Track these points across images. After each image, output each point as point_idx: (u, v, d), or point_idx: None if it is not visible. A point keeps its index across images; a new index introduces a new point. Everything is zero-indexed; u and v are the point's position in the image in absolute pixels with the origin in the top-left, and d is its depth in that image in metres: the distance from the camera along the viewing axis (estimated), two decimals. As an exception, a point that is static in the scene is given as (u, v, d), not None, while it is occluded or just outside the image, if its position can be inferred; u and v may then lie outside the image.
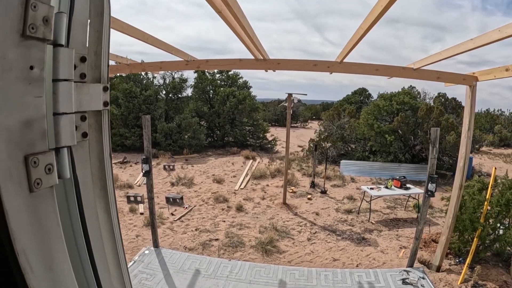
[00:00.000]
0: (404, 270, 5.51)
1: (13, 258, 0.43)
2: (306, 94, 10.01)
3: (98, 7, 0.61)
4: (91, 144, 0.62)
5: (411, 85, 18.85)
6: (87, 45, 0.58)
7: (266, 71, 5.69)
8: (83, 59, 0.57)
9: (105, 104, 0.64)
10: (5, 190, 0.41)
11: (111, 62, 6.46)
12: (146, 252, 5.93)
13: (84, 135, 0.59)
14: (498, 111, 31.05)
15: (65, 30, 0.53)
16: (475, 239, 5.53)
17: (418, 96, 17.95)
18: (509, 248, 5.89)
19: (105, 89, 0.63)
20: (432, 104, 15.70)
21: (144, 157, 5.59)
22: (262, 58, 5.11)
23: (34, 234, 0.46)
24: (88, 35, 0.59)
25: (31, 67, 0.45)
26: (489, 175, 10.29)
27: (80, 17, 0.56)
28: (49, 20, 0.46)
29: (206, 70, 19.06)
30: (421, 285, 5.08)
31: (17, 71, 0.43)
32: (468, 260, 5.43)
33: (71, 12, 0.55)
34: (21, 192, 0.44)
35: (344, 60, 4.89)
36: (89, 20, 0.58)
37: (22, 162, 0.44)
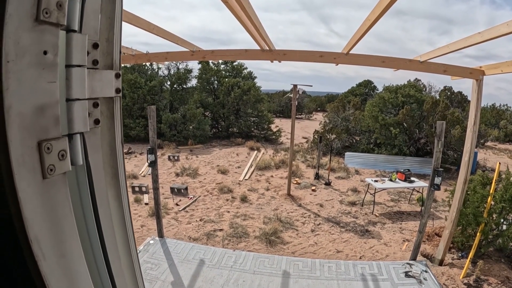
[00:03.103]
0: (407, 263, 5.53)
1: (26, 245, 0.43)
2: (311, 86, 9.95)
3: None
4: (102, 131, 0.62)
5: (416, 78, 18.72)
6: (99, 32, 0.58)
7: (272, 62, 5.66)
8: (95, 46, 0.57)
9: (117, 91, 0.63)
10: (18, 177, 0.41)
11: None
12: (151, 242, 5.98)
13: (97, 121, 0.58)
14: (504, 106, 30.78)
15: (78, 15, 0.52)
16: (478, 234, 5.52)
17: (424, 89, 17.81)
18: (512, 244, 5.88)
19: (117, 75, 0.63)
20: (437, 97, 15.58)
21: (150, 147, 5.61)
22: (268, 48, 5.08)
23: (47, 221, 0.46)
24: (99, 22, 0.58)
25: (45, 52, 0.45)
26: (493, 170, 10.22)
27: (93, 3, 0.56)
28: (63, 5, 0.46)
29: (210, 61, 19.00)
30: (424, 278, 5.10)
31: (31, 56, 0.43)
32: (470, 255, 5.43)
33: None
34: (34, 179, 0.44)
35: (350, 52, 4.85)
36: (101, 7, 0.58)
37: (36, 148, 0.44)
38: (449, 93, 16.65)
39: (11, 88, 0.40)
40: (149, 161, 5.67)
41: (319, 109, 41.19)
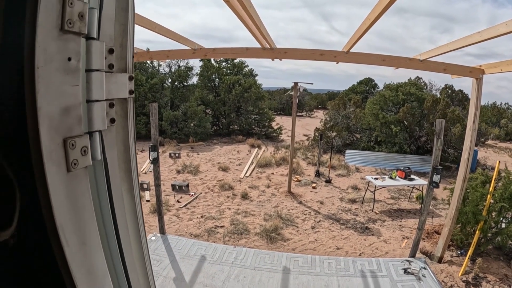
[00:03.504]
0: (406, 260, 5.57)
1: (53, 232, 0.48)
2: (312, 83, 9.99)
3: (123, 3, 0.66)
4: (117, 130, 0.67)
5: (417, 76, 18.74)
6: (113, 38, 0.63)
7: (273, 60, 5.69)
8: (111, 51, 0.62)
9: (130, 92, 0.69)
10: (48, 170, 0.46)
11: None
12: (153, 238, 6.04)
13: (112, 120, 0.64)
14: (505, 104, 30.79)
15: (96, 24, 0.58)
16: (477, 231, 5.56)
17: (425, 88, 17.83)
18: (511, 242, 5.92)
19: (130, 78, 0.68)
20: (438, 95, 15.60)
21: (152, 144, 5.65)
22: (269, 47, 5.11)
23: (70, 210, 0.51)
24: (114, 29, 0.63)
25: (69, 59, 0.50)
26: (493, 168, 10.28)
27: (108, 12, 0.61)
28: (84, 16, 0.51)
29: (212, 59, 19.02)
30: (423, 275, 5.14)
31: (57, 62, 0.48)
32: (469, 252, 5.46)
33: (100, 7, 0.59)
34: (60, 172, 0.49)
35: (351, 50, 4.88)
36: (115, 14, 0.63)
37: (62, 144, 0.49)
38: (450, 92, 16.68)
39: (41, 92, 0.44)
40: (151, 158, 5.72)
41: (320, 106, 41.18)
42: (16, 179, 0.44)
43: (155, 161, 5.75)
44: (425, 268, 5.33)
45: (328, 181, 10.66)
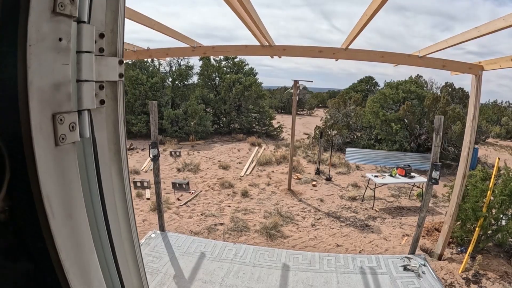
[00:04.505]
0: (406, 257, 5.58)
1: (39, 202, 0.51)
2: (312, 81, 10.01)
3: None
4: (107, 112, 0.71)
5: (418, 74, 18.71)
6: (104, 24, 0.66)
7: (272, 57, 5.71)
8: (101, 35, 0.65)
9: (120, 75, 0.72)
10: (36, 142, 0.49)
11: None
12: (153, 235, 6.07)
13: (102, 102, 0.67)
14: (506, 103, 30.79)
15: (87, 9, 0.61)
16: (477, 228, 5.56)
17: (425, 86, 17.82)
18: (511, 239, 5.93)
19: (120, 62, 0.72)
20: (439, 93, 15.59)
21: (152, 142, 5.68)
22: (268, 44, 5.12)
23: (57, 183, 0.54)
24: (105, 15, 0.67)
25: (60, 39, 0.53)
26: (494, 166, 10.25)
27: None
28: (75, 0, 0.54)
29: (212, 57, 19.04)
30: (422, 272, 5.15)
31: (49, 41, 0.51)
32: (469, 249, 5.48)
33: None
34: (49, 145, 0.52)
35: (350, 47, 4.89)
36: (106, 1, 0.66)
37: (51, 118, 0.52)
38: (450, 89, 16.66)
39: (32, 67, 0.48)
40: (151, 156, 5.74)
41: (320, 105, 41.18)
42: (6, 150, 0.47)
43: (155, 158, 5.77)
44: (424, 265, 5.34)
45: (329, 179, 10.68)
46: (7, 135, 0.48)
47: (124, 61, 0.73)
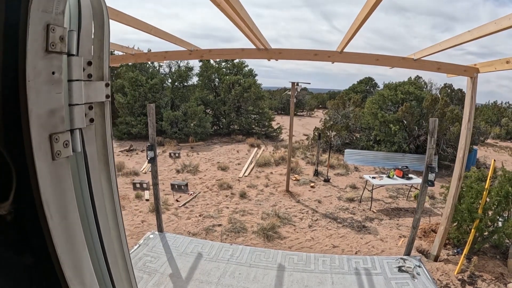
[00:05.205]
0: (401, 258, 5.63)
1: (40, 206, 0.62)
2: (309, 83, 10.14)
3: (100, 21, 0.81)
4: (96, 128, 0.83)
5: (417, 75, 18.80)
6: (92, 52, 0.76)
7: (269, 60, 5.79)
8: (89, 63, 0.77)
9: (107, 96, 0.85)
10: (36, 158, 0.60)
11: (117, 53, 6.62)
12: (151, 236, 6.15)
13: (91, 120, 0.79)
14: (506, 103, 30.83)
15: (75, 43, 0.73)
16: (472, 230, 5.59)
17: (425, 87, 17.90)
18: (507, 241, 5.94)
19: (106, 85, 0.84)
20: (437, 94, 15.66)
21: (149, 144, 5.77)
22: (263, 47, 5.20)
23: (54, 190, 0.65)
24: (92, 44, 0.77)
25: (53, 73, 0.64)
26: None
27: (87, 31, 0.77)
28: (64, 38, 0.65)
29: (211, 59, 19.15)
30: (417, 273, 5.20)
31: (44, 76, 0.62)
32: (465, 251, 5.50)
33: (79, 28, 0.75)
34: (47, 160, 0.63)
35: (346, 50, 4.94)
36: (93, 32, 0.76)
37: (48, 139, 0.63)
38: (449, 91, 16.75)
39: (31, 98, 0.58)
40: (148, 158, 5.83)
41: (320, 106, 41.27)
42: (13, 164, 0.59)
43: (152, 160, 5.85)
44: (419, 266, 5.39)
45: (327, 180, 10.76)
46: (13, 153, 0.59)
47: (110, 83, 0.84)
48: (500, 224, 5.89)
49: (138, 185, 9.27)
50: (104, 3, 0.81)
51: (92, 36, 0.79)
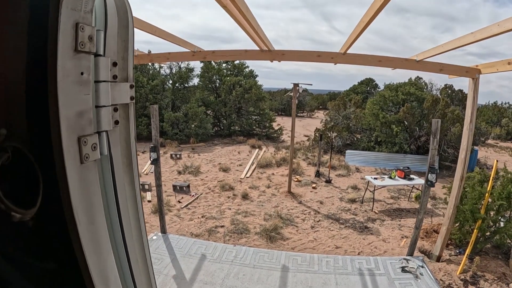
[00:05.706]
0: (404, 259, 5.63)
1: (69, 213, 0.60)
2: (311, 84, 10.10)
3: (124, 21, 0.79)
4: (120, 130, 0.82)
5: (418, 76, 18.79)
6: (117, 53, 0.75)
7: (272, 61, 5.79)
8: (115, 64, 0.75)
9: (131, 98, 0.83)
10: (66, 161, 0.58)
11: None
12: (154, 237, 6.14)
13: (116, 122, 0.77)
14: (506, 104, 30.82)
15: (102, 43, 0.71)
16: (475, 230, 5.59)
17: (425, 87, 17.89)
18: (509, 241, 5.94)
19: (131, 86, 0.82)
20: (438, 95, 15.66)
21: (152, 145, 5.76)
22: (267, 49, 5.20)
23: (82, 195, 0.63)
24: (117, 45, 0.76)
25: (82, 73, 0.62)
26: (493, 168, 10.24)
27: (112, 31, 0.75)
28: (93, 38, 0.64)
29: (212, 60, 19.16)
30: (420, 273, 5.20)
31: (73, 76, 0.60)
32: (467, 251, 5.50)
33: (105, 27, 0.73)
34: (76, 163, 0.61)
35: (349, 51, 4.95)
36: (117, 32, 0.75)
37: (76, 141, 0.61)
38: (450, 91, 16.73)
39: (61, 100, 0.57)
40: (151, 159, 5.82)
41: (321, 107, 41.26)
42: (40, 169, 0.56)
43: (155, 162, 5.85)
44: (422, 267, 5.38)
45: (328, 181, 10.75)
46: (40, 157, 0.57)
47: (134, 85, 0.82)
48: (502, 224, 5.89)
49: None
50: (128, 3, 0.80)
51: (117, 37, 0.78)
